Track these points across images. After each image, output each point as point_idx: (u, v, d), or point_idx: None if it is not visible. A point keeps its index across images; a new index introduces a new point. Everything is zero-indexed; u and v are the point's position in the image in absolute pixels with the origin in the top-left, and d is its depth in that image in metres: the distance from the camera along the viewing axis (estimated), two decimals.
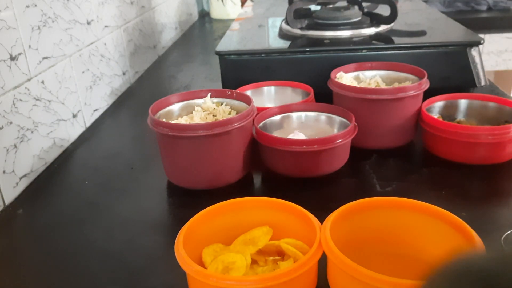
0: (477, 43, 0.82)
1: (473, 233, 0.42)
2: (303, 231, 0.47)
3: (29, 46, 0.69)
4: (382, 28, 0.91)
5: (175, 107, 0.69)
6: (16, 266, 0.52)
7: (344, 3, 0.99)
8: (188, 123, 0.65)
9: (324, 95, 0.74)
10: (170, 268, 0.48)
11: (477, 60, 0.82)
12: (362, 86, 0.73)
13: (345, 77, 0.76)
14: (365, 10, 0.97)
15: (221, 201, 0.49)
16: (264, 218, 0.49)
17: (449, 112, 0.73)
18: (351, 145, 0.65)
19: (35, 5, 0.71)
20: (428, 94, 0.71)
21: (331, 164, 0.63)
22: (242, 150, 0.63)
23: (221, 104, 0.69)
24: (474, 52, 0.82)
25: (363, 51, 0.83)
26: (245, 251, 0.47)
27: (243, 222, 0.50)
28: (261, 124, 0.67)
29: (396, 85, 0.75)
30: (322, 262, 0.44)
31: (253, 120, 0.64)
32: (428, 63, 0.80)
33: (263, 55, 0.84)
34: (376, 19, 0.93)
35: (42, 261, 0.53)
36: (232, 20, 1.43)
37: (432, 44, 0.82)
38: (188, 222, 0.46)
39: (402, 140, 0.71)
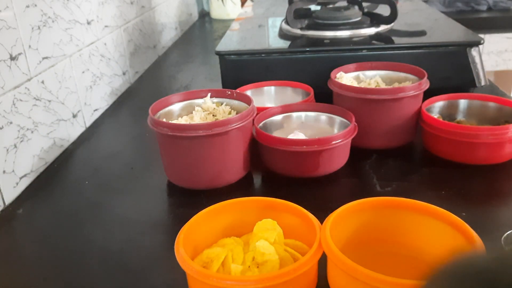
0: (477, 43, 0.82)
1: (473, 233, 0.42)
2: (303, 231, 0.47)
3: (29, 46, 0.69)
4: (382, 28, 0.91)
5: (175, 107, 0.69)
6: (16, 265, 0.52)
7: (344, 3, 0.99)
8: (188, 123, 0.65)
9: (324, 95, 0.74)
10: (170, 268, 0.48)
11: (477, 60, 0.82)
12: (362, 86, 0.73)
13: (345, 77, 0.76)
14: (365, 10, 0.97)
15: (221, 201, 0.49)
16: (264, 218, 0.49)
17: (449, 112, 0.73)
18: (351, 145, 0.65)
19: (35, 5, 0.71)
20: (428, 94, 0.71)
21: (331, 164, 0.63)
22: (242, 150, 0.63)
23: (221, 104, 0.69)
24: (474, 52, 0.82)
25: (363, 51, 0.83)
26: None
27: (243, 222, 0.50)
28: (261, 124, 0.67)
29: (396, 85, 0.75)
30: (322, 262, 0.44)
31: (253, 120, 0.64)
32: (428, 63, 0.80)
33: (263, 55, 0.84)
34: (376, 19, 0.93)
35: (42, 260, 0.53)
36: (232, 20, 1.43)
37: (432, 44, 0.82)
38: (188, 222, 0.46)
39: (402, 140, 0.71)
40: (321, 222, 0.45)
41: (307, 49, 0.84)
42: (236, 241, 0.48)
